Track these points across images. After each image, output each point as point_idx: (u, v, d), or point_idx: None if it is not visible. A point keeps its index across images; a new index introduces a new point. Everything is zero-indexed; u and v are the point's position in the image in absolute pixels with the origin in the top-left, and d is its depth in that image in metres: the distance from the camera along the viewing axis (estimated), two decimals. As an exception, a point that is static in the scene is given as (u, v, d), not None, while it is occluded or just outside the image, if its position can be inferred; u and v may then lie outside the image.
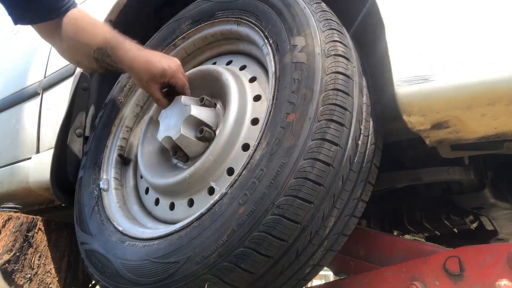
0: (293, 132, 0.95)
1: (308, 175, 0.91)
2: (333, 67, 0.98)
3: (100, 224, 1.34)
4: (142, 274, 1.09)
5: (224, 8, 1.30)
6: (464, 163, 1.52)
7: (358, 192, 1.01)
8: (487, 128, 0.96)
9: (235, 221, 0.94)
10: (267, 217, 0.91)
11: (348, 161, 0.95)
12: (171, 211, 1.29)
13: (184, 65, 1.47)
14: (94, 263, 1.26)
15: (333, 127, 0.93)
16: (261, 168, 0.96)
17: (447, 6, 0.93)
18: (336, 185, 0.94)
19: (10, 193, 1.91)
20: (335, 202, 0.95)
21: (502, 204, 1.70)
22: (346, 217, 1.00)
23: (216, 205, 1.02)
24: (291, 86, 1.01)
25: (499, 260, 0.94)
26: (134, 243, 1.19)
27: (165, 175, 1.29)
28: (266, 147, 0.98)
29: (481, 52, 0.86)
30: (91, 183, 1.46)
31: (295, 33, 1.07)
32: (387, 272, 1.10)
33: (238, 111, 1.16)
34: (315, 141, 0.92)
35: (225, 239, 0.94)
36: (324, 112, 0.94)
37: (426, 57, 0.91)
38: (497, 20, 0.86)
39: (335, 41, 1.03)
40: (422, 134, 1.00)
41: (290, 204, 0.90)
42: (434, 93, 0.89)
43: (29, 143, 1.85)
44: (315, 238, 0.95)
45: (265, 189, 0.93)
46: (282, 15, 1.12)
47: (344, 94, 0.96)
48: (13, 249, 1.54)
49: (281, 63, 1.07)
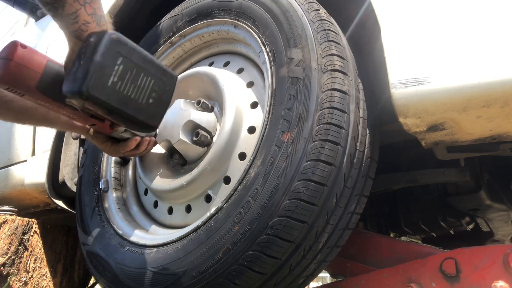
0: (288, 152, 0.94)
1: (301, 196, 0.91)
2: (329, 84, 0.97)
3: (101, 226, 1.34)
4: (140, 283, 1.10)
5: (221, 7, 1.28)
6: (460, 165, 1.53)
7: (352, 207, 1.01)
8: (483, 130, 0.96)
9: (230, 239, 0.96)
10: (261, 237, 0.92)
11: (343, 178, 0.95)
12: (169, 215, 1.29)
13: (182, 62, 1.47)
14: (95, 266, 1.27)
15: (328, 147, 0.93)
16: (256, 187, 0.96)
17: (442, 8, 0.93)
18: (330, 203, 0.94)
19: (5, 196, 1.90)
20: (328, 219, 0.96)
21: (498, 205, 1.71)
22: (340, 230, 1.01)
23: (212, 219, 1.03)
24: (287, 102, 1.00)
25: (495, 262, 0.95)
26: (133, 249, 1.20)
27: (163, 179, 1.29)
28: (261, 166, 0.98)
29: (476, 55, 0.86)
30: (91, 182, 1.45)
31: (292, 44, 1.05)
32: (384, 274, 1.10)
33: (234, 120, 1.15)
34: (310, 162, 0.92)
35: (221, 256, 0.96)
36: (319, 132, 0.94)
37: (422, 59, 0.92)
38: (493, 23, 0.87)
39: (332, 54, 1.01)
40: (418, 136, 1.01)
41: (283, 224, 0.91)
42: (430, 95, 0.89)
43: (25, 145, 1.84)
44: (309, 253, 0.97)
45: (259, 209, 0.94)
46: (279, 22, 1.10)
47: (340, 112, 0.96)
48: (8, 252, 1.52)
49: (277, 76, 1.06)
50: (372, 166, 1.06)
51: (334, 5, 1.19)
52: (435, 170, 1.53)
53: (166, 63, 1.48)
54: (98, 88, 0.78)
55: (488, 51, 0.85)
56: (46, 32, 2.00)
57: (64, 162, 1.63)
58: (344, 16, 1.18)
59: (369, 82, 1.11)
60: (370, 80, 1.13)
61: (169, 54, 1.46)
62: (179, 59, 1.48)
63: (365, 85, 1.08)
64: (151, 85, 0.86)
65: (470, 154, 1.23)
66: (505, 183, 1.73)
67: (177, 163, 1.28)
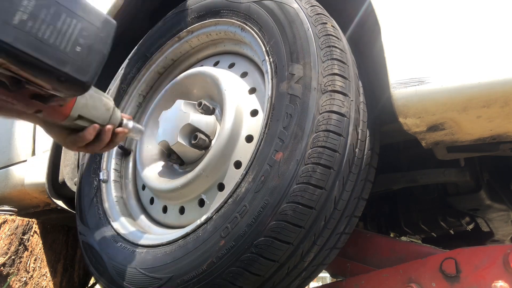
0: (279, 172, 0.93)
1: (288, 218, 0.91)
2: (327, 106, 0.95)
3: (97, 218, 1.34)
4: (129, 281, 1.12)
5: (230, 7, 1.25)
6: (460, 165, 1.53)
7: (341, 228, 1.01)
8: (483, 130, 0.96)
9: (215, 252, 0.96)
10: (246, 255, 0.93)
11: (333, 201, 0.95)
12: (163, 213, 1.30)
13: (188, 58, 1.46)
14: (90, 257, 1.28)
15: (319, 171, 0.91)
16: (244, 204, 0.96)
17: (442, 8, 0.93)
18: (317, 225, 0.94)
19: (5, 196, 1.90)
20: (315, 240, 0.96)
21: (498, 205, 1.71)
22: (327, 250, 1.01)
23: (200, 229, 1.03)
24: (283, 120, 0.98)
25: (495, 262, 0.95)
26: (125, 246, 1.20)
27: (159, 178, 1.29)
28: (252, 182, 0.97)
29: (476, 55, 0.87)
30: (91, 172, 1.45)
31: (294, 59, 1.03)
32: (384, 274, 1.10)
33: (232, 128, 1.14)
34: (300, 185, 0.91)
35: (205, 268, 0.97)
36: (312, 155, 0.92)
37: (422, 59, 0.92)
38: (493, 23, 0.87)
39: (334, 74, 0.98)
40: (418, 136, 1.01)
41: (268, 245, 0.92)
42: (430, 95, 0.89)
43: (25, 145, 1.84)
44: (293, 271, 0.97)
45: (246, 227, 0.94)
46: (284, 33, 1.07)
47: (336, 135, 0.93)
48: (8, 252, 1.52)
49: (277, 90, 1.04)
50: (366, 187, 1.05)
51: (334, 5, 1.19)
52: (435, 170, 1.53)
53: (172, 57, 1.47)
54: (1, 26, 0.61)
55: (488, 51, 0.86)
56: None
57: (64, 162, 1.63)
58: (344, 16, 1.18)
59: (369, 82, 1.11)
60: (370, 80, 1.12)
61: (176, 49, 1.45)
62: (186, 54, 1.47)
63: (365, 86, 1.08)
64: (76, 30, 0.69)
65: (470, 154, 1.23)
66: (505, 183, 1.73)
67: (175, 163, 1.28)
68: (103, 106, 0.99)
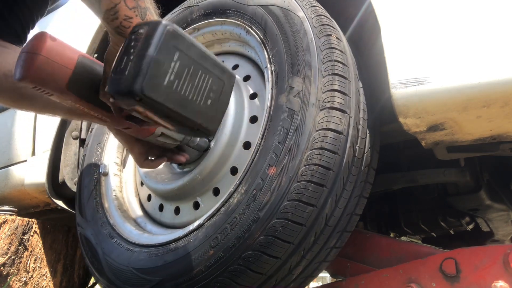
0: (271, 188, 0.93)
1: (277, 234, 0.91)
2: (324, 123, 0.93)
3: (95, 211, 1.34)
4: (121, 279, 1.12)
5: (236, 8, 1.23)
6: (460, 165, 1.53)
7: (332, 242, 1.01)
8: (483, 130, 0.96)
9: (204, 261, 0.96)
10: (233, 266, 0.93)
11: (324, 218, 0.94)
12: (160, 212, 1.30)
13: None
14: (86, 250, 1.29)
15: (311, 189, 0.91)
16: (235, 216, 0.96)
17: (442, 8, 0.93)
18: (307, 241, 0.94)
19: (5, 196, 1.90)
20: (305, 255, 0.96)
21: (498, 205, 1.71)
22: (317, 263, 1.02)
23: (192, 235, 1.04)
24: (279, 134, 0.97)
25: (495, 262, 0.95)
26: (120, 243, 1.21)
27: (157, 176, 1.29)
28: (244, 195, 0.97)
29: (476, 54, 0.87)
30: (92, 164, 1.44)
31: (295, 72, 1.01)
32: (383, 274, 1.10)
33: (231, 133, 1.14)
34: (291, 201, 0.91)
35: (194, 275, 0.97)
36: (305, 173, 0.91)
37: (422, 59, 0.92)
38: (493, 23, 0.87)
39: (334, 90, 0.96)
40: (418, 136, 1.01)
41: (256, 258, 0.92)
42: (430, 95, 0.89)
43: (25, 145, 1.84)
44: (281, 282, 0.98)
45: (235, 239, 0.94)
46: (288, 43, 1.05)
47: (331, 153, 0.92)
48: (8, 252, 1.52)
49: (276, 102, 1.02)
50: (360, 203, 1.04)
51: (334, 6, 1.19)
52: (435, 170, 1.53)
53: None
54: (153, 87, 0.67)
55: (488, 51, 0.86)
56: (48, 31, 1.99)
57: (64, 162, 1.63)
58: (344, 16, 1.18)
59: (369, 82, 1.11)
60: (370, 80, 1.12)
61: None
62: None
63: (365, 87, 1.08)
64: (209, 84, 0.76)
65: (470, 154, 1.23)
66: (505, 183, 1.73)
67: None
68: None
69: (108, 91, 0.71)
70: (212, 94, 0.77)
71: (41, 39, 0.76)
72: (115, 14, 0.71)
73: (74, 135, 1.65)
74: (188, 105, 0.73)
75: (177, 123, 0.76)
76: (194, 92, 0.74)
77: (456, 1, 0.92)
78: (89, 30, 1.61)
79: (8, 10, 1.08)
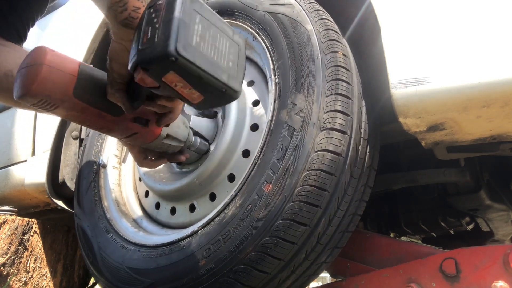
0: (266, 205, 0.93)
1: (269, 251, 0.91)
2: (323, 144, 0.93)
3: (93, 203, 1.34)
4: (114, 276, 1.13)
5: (244, 11, 1.19)
6: (460, 165, 1.53)
7: (323, 258, 1.01)
8: (483, 130, 0.96)
9: (196, 271, 0.97)
10: (224, 278, 0.94)
11: (316, 236, 0.95)
12: (156, 210, 1.30)
13: None
14: (82, 242, 1.29)
15: (305, 209, 0.91)
16: (228, 229, 0.96)
17: (442, 8, 0.93)
18: (298, 258, 0.95)
19: (5, 196, 1.89)
20: (294, 270, 0.97)
21: (498, 205, 1.71)
22: (305, 277, 1.02)
23: (185, 241, 1.04)
24: (277, 152, 0.96)
25: (495, 262, 0.95)
26: (115, 239, 1.21)
27: (155, 174, 1.29)
28: (239, 208, 0.97)
29: (476, 54, 0.86)
30: (92, 155, 1.43)
31: (298, 88, 0.99)
32: (383, 274, 1.10)
33: (231, 139, 1.13)
34: (284, 221, 0.91)
35: (184, 283, 0.98)
36: (301, 193, 0.91)
37: (422, 59, 0.92)
38: (493, 23, 0.87)
39: (336, 110, 0.95)
40: (418, 136, 1.01)
41: (247, 273, 0.93)
42: (430, 95, 0.89)
43: (25, 145, 1.84)
44: None
45: (227, 252, 0.94)
46: (293, 56, 1.03)
47: (327, 175, 0.92)
48: (8, 252, 1.52)
49: (277, 116, 1.01)
50: (353, 221, 1.04)
51: (334, 6, 1.19)
52: (435, 170, 1.53)
53: None
54: (185, 48, 0.67)
55: (487, 51, 0.86)
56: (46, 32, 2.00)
57: (64, 162, 1.63)
58: (344, 16, 1.18)
59: (369, 82, 1.11)
60: (370, 81, 1.12)
61: None
62: None
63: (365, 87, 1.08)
64: (227, 47, 0.77)
65: (470, 154, 1.23)
66: (505, 183, 1.73)
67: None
68: (182, 123, 1.07)
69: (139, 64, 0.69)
70: (232, 57, 0.78)
71: (40, 51, 0.78)
72: (124, 5, 0.72)
73: (74, 135, 1.65)
74: (216, 66, 0.74)
75: (207, 88, 0.75)
76: (217, 54, 0.75)
77: (456, 1, 0.92)
78: (89, 30, 1.61)
79: (8, 7, 1.09)
